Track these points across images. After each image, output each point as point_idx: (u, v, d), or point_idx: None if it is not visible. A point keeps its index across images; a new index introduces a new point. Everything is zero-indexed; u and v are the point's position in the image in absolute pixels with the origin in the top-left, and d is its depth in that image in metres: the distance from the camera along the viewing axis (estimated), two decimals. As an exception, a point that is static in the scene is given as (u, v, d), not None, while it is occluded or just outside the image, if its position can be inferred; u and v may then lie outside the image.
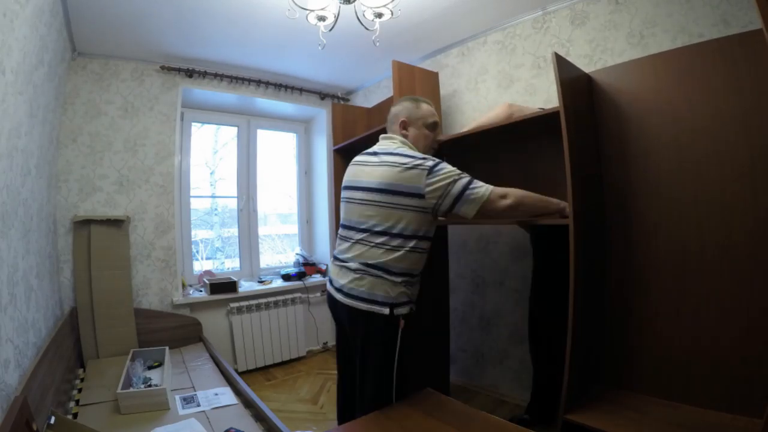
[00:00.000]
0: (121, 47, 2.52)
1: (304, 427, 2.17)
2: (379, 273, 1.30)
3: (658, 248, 1.51)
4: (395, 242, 1.31)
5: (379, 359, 1.33)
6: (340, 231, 1.48)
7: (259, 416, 1.69)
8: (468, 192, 1.27)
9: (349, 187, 1.46)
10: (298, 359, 3.25)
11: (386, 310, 1.29)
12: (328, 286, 1.48)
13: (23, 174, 1.49)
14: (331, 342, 3.53)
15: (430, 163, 1.30)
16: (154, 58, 2.71)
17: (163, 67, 2.76)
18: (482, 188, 1.29)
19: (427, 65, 2.85)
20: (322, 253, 3.68)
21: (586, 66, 2.08)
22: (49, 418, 1.29)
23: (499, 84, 2.46)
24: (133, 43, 2.49)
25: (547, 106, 2.22)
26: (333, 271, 1.46)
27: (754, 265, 1.28)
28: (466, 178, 1.30)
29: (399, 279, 1.31)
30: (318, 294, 3.45)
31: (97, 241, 2.42)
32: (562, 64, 1.46)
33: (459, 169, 1.38)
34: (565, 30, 2.17)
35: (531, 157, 2.04)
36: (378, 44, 1.92)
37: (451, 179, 1.28)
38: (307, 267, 3.48)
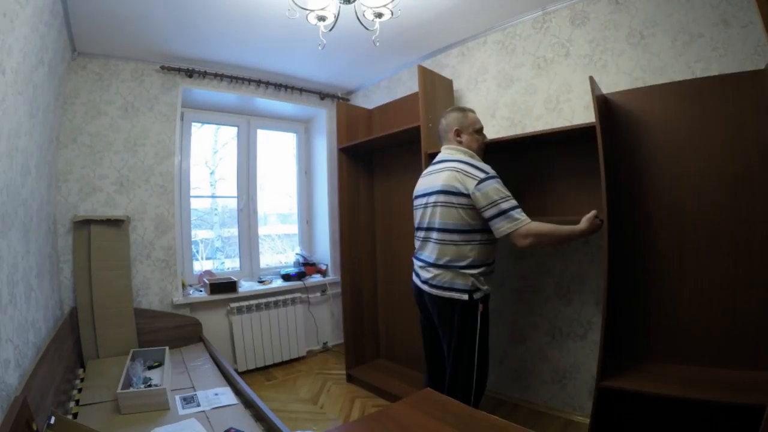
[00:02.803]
0: (121, 47, 2.52)
1: (304, 427, 2.17)
2: (454, 266, 1.56)
3: (664, 244, 1.73)
4: (461, 237, 1.55)
5: (464, 338, 1.58)
6: (417, 233, 1.76)
7: (259, 416, 1.69)
8: (512, 212, 1.48)
9: (419, 196, 1.72)
10: (298, 359, 3.25)
11: (465, 296, 1.55)
12: (415, 279, 1.75)
13: (23, 174, 1.49)
14: (331, 342, 3.54)
15: (482, 175, 1.53)
16: (154, 58, 2.71)
17: (163, 67, 2.76)
18: (522, 218, 1.48)
19: (427, 65, 2.85)
20: (322, 253, 3.68)
21: (587, 66, 2.09)
22: (49, 418, 1.29)
23: (499, 84, 2.46)
24: (133, 43, 2.49)
25: (547, 105, 2.23)
26: (417, 267, 1.73)
27: (736, 254, 1.57)
28: (514, 201, 1.51)
29: (471, 271, 1.55)
30: (318, 294, 3.46)
31: (97, 241, 2.42)
32: (594, 86, 1.67)
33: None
34: (565, 30, 2.17)
35: (546, 162, 2.19)
36: (378, 44, 1.92)
37: (501, 197, 1.50)
38: (307, 267, 3.48)
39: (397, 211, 2.89)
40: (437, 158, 1.73)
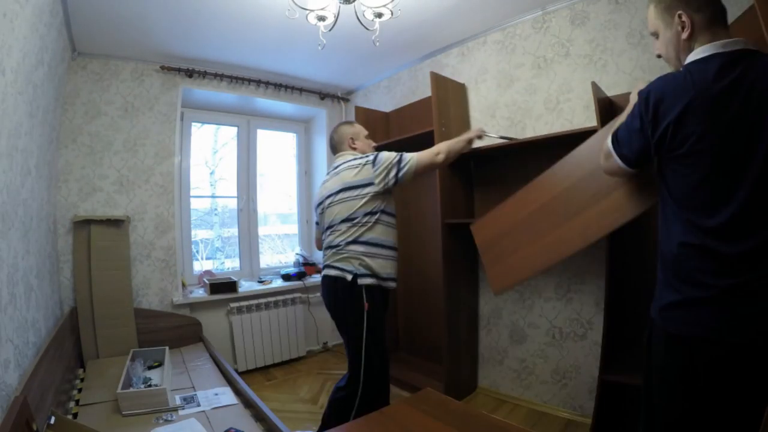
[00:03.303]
0: (121, 47, 2.52)
1: (304, 427, 2.17)
2: (346, 249, 1.69)
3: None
4: (357, 221, 1.68)
5: (351, 322, 1.68)
6: (322, 235, 1.92)
7: (259, 416, 1.69)
8: (402, 164, 1.69)
9: (320, 203, 1.86)
10: (298, 359, 3.25)
11: (349, 277, 1.65)
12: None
13: (23, 174, 1.49)
14: (332, 342, 3.53)
15: (371, 157, 1.73)
16: (154, 58, 2.71)
17: (163, 67, 2.76)
18: (410, 157, 1.71)
19: (427, 65, 2.86)
20: (322, 253, 3.67)
21: (587, 66, 2.09)
22: (49, 418, 1.29)
23: (499, 84, 2.46)
24: (133, 43, 2.49)
25: (547, 105, 2.23)
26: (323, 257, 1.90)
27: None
28: (398, 156, 1.71)
29: (361, 249, 1.66)
30: (318, 294, 3.45)
31: (97, 241, 2.42)
32: (596, 90, 1.73)
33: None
34: (565, 30, 2.17)
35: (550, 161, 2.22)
36: (378, 44, 1.93)
37: (389, 160, 1.69)
38: (307, 267, 3.48)
39: (415, 210, 3.00)
40: (335, 165, 1.86)
